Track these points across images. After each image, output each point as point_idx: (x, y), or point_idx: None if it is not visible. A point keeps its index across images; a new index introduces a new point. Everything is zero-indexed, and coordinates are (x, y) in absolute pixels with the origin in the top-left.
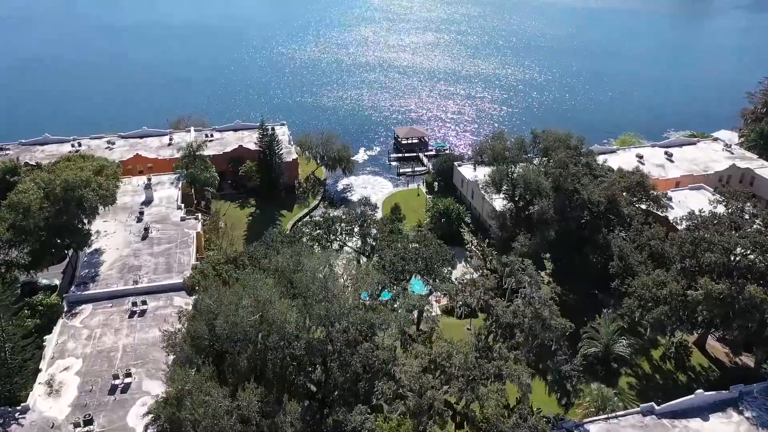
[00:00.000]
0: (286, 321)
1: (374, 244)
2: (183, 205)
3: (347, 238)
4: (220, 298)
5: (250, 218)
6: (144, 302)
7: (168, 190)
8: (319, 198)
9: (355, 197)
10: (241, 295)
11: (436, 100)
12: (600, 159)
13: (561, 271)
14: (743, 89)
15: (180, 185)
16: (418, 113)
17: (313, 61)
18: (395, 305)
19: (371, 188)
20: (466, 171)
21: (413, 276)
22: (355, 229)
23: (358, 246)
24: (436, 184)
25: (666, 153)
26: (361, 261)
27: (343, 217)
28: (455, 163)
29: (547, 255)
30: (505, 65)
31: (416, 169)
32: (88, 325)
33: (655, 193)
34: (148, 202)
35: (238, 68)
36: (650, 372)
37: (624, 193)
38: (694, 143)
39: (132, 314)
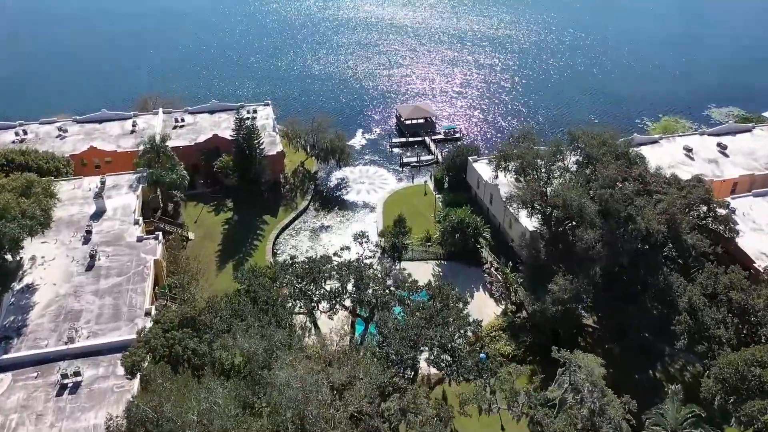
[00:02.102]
0: None
1: (374, 302)
2: (141, 219)
3: (338, 289)
4: (162, 406)
5: (227, 226)
6: (77, 372)
7: (125, 197)
8: (309, 198)
9: (351, 196)
10: (188, 409)
11: (440, 67)
12: (642, 152)
13: (611, 324)
14: None
15: (140, 190)
16: (422, 86)
17: (299, 22)
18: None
19: (369, 183)
20: (484, 169)
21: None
22: (348, 286)
23: (351, 294)
24: (446, 179)
25: (719, 145)
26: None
27: (334, 273)
28: (470, 159)
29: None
30: (521, 26)
31: (422, 158)
32: (2, 409)
33: (722, 212)
34: (99, 214)
35: (212, 37)
36: None
37: (685, 214)
38: (749, 130)
39: (61, 389)
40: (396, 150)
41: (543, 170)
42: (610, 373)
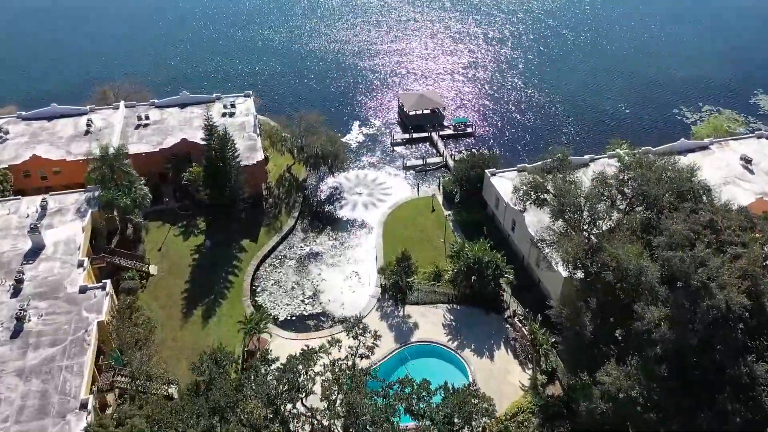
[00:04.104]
0: None
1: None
2: (87, 260)
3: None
4: None
5: (197, 256)
6: None
7: (70, 226)
8: (296, 215)
9: (346, 211)
10: None
11: (445, 43)
12: (692, 161)
13: (676, 424)
14: None
15: (89, 215)
16: (424, 65)
17: None
18: None
19: (368, 194)
20: (504, 185)
21: None
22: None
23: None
24: (457, 192)
25: None
26: None
27: (317, 382)
28: (487, 172)
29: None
30: None
31: (429, 161)
32: None
33: None
34: (35, 252)
35: (185, 13)
36: None
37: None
38: None
39: None
40: (399, 149)
41: (586, 211)
42: None
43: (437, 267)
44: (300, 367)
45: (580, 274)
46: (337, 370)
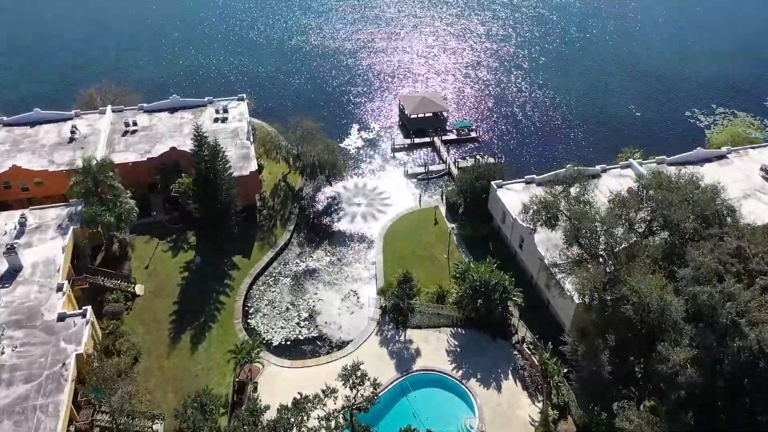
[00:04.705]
0: None
1: None
2: (68, 283)
3: None
4: None
5: (186, 273)
6: None
7: (50, 245)
8: (292, 228)
9: (344, 224)
10: None
11: (446, 40)
12: (708, 173)
13: None
14: None
15: (71, 232)
16: (425, 64)
17: None
18: None
19: (367, 205)
20: (511, 198)
21: None
22: None
23: None
24: (461, 204)
25: None
26: None
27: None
28: (493, 184)
29: None
30: None
31: (432, 168)
32: None
33: None
34: (11, 274)
35: (177, 11)
36: None
37: None
38: None
39: None
40: (400, 155)
41: (602, 236)
42: None
43: (440, 287)
44: (292, 420)
45: (595, 304)
46: (333, 426)
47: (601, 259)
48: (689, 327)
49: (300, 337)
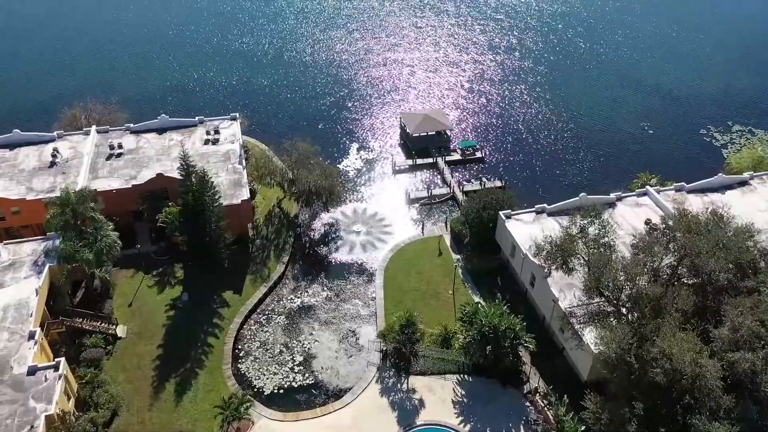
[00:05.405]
0: None
1: None
2: (40, 331)
3: None
4: None
5: (172, 312)
6: None
7: (24, 285)
8: (286, 259)
9: (342, 254)
10: None
11: (447, 52)
12: (730, 201)
13: None
14: None
15: (47, 270)
16: (425, 78)
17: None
18: None
19: (367, 233)
20: (520, 230)
21: None
22: None
23: None
24: (467, 233)
25: None
26: None
27: None
28: (501, 215)
29: None
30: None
31: (435, 193)
32: None
33: None
34: None
35: (166, 26)
36: None
37: None
38: None
39: None
40: (401, 176)
41: (626, 288)
42: None
43: (445, 328)
44: None
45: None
46: None
47: (624, 309)
48: (728, 397)
49: (294, 384)
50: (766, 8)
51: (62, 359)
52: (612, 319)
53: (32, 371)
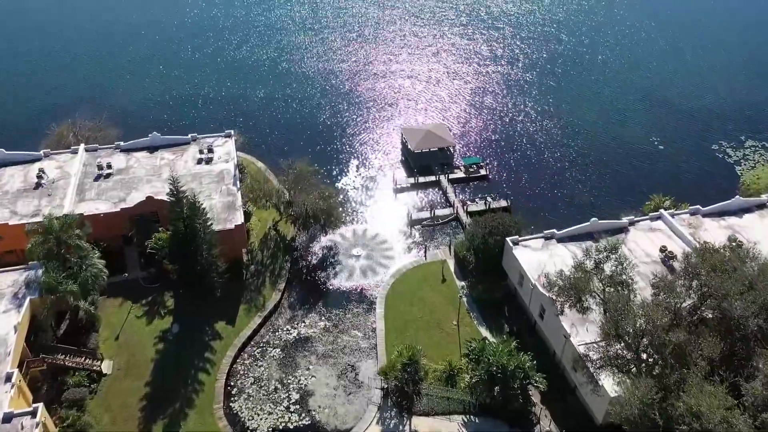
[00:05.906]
0: None
1: None
2: (17, 371)
3: None
4: None
5: (161, 345)
6: None
7: (2, 320)
8: (282, 286)
9: (341, 280)
10: None
11: (448, 64)
12: (748, 226)
13: None
14: None
15: (27, 303)
16: (426, 90)
17: (276, 14)
18: None
19: (367, 256)
20: (529, 258)
21: None
22: None
23: None
24: (472, 258)
25: None
26: None
27: None
28: (508, 241)
29: None
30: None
31: (438, 214)
32: None
33: None
34: None
35: (158, 37)
36: None
37: None
38: None
39: None
40: (401, 196)
41: (648, 335)
42: None
43: (450, 364)
44: None
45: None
46: None
47: (644, 355)
48: None
49: (290, 425)
50: None
51: (40, 405)
52: (632, 367)
53: (8, 418)
